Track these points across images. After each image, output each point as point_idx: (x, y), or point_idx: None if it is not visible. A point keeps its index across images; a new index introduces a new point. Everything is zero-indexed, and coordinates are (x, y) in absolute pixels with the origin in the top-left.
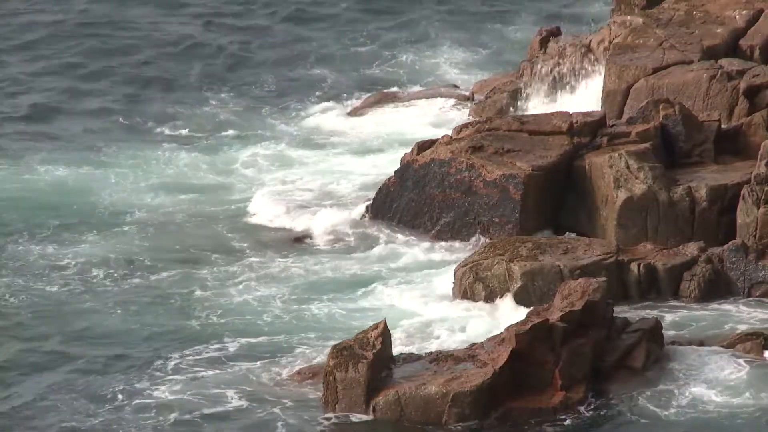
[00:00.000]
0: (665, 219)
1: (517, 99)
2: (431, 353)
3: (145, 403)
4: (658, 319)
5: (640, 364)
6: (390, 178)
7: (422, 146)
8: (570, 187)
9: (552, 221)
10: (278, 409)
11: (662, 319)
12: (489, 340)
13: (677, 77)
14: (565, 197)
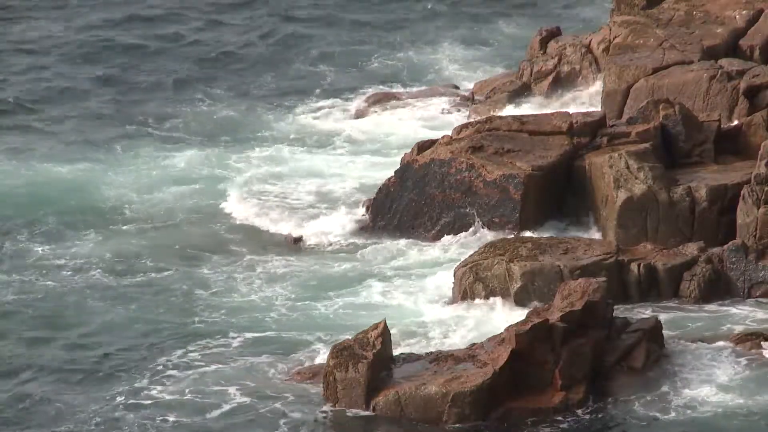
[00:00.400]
0: (665, 219)
1: (517, 99)
2: (431, 353)
3: (146, 400)
4: (658, 319)
5: (640, 364)
6: (390, 178)
7: (422, 146)
8: (570, 187)
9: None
10: (279, 404)
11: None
12: (489, 340)
13: (677, 77)
14: (565, 197)
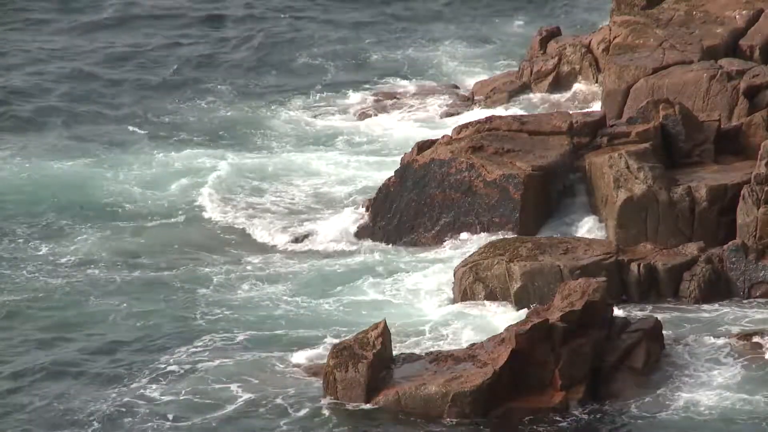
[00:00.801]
0: (665, 219)
1: (517, 98)
2: (431, 353)
3: (147, 397)
4: (658, 319)
5: (640, 364)
6: (390, 178)
7: (422, 146)
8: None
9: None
10: (281, 399)
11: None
12: (489, 340)
13: (677, 77)
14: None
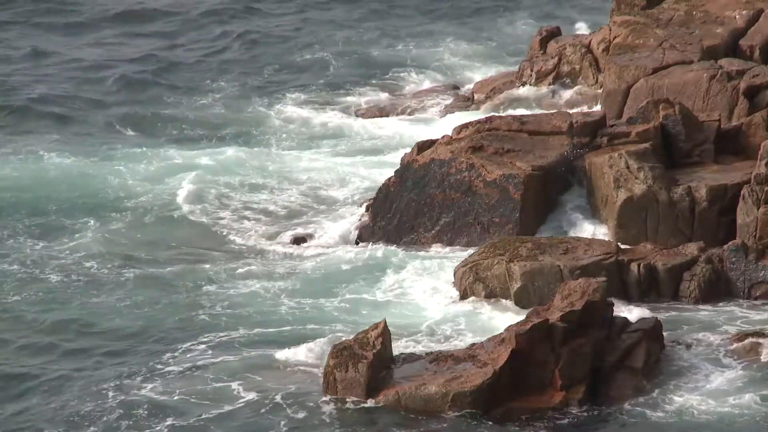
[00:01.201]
0: (665, 219)
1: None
2: (431, 353)
3: (147, 394)
4: (658, 319)
5: (640, 364)
6: (390, 178)
7: (422, 146)
8: (570, 187)
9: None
10: (280, 398)
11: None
12: (489, 340)
13: (677, 77)
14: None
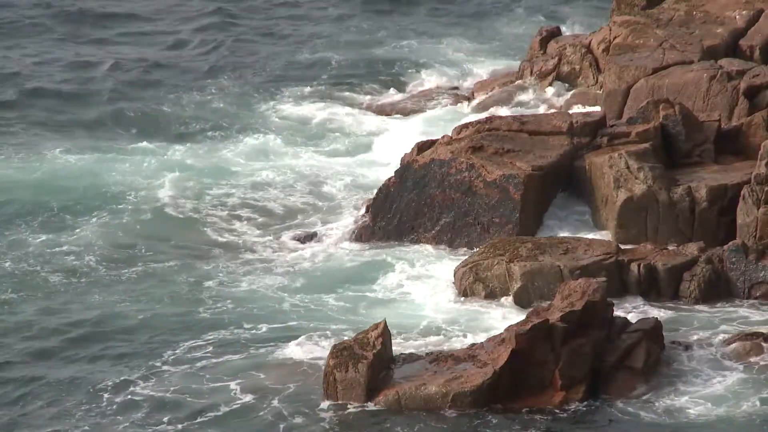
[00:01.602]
0: (665, 219)
1: (517, 98)
2: (431, 353)
3: (146, 393)
4: (658, 319)
5: (640, 364)
6: (390, 178)
7: (422, 146)
8: (570, 187)
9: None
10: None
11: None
12: (489, 340)
13: (677, 77)
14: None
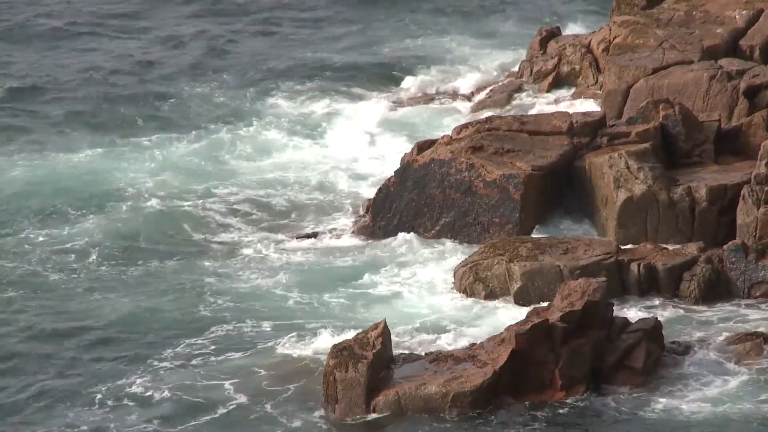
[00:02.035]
0: (665, 219)
1: (517, 99)
2: (431, 353)
3: (146, 392)
4: (658, 319)
5: (640, 364)
6: (390, 178)
7: (422, 146)
8: (570, 187)
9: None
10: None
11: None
12: (489, 340)
13: (677, 77)
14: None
